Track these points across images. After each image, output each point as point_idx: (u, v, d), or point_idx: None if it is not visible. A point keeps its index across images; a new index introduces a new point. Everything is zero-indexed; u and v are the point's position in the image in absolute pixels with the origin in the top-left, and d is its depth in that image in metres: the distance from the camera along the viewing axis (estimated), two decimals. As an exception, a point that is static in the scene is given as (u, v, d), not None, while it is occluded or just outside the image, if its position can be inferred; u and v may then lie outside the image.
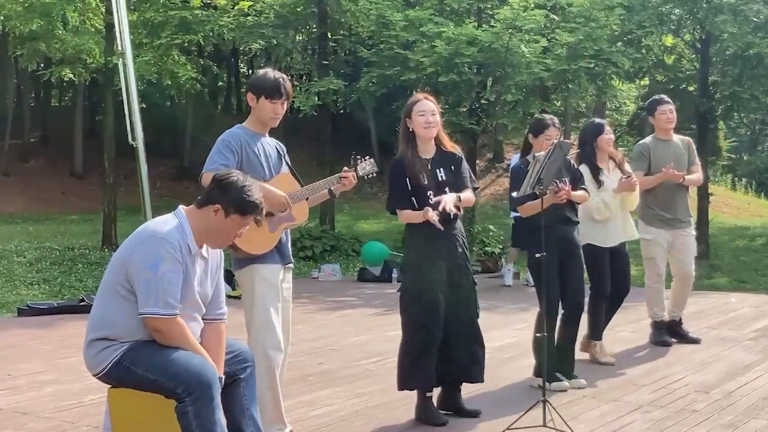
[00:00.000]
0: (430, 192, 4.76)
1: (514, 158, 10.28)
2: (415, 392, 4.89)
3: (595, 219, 6.07)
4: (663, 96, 7.17)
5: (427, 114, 4.80)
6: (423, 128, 4.81)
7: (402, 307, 4.89)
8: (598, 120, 6.53)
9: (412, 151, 4.83)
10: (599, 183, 6.08)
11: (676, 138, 7.06)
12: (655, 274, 6.97)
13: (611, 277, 6.22)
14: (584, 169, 6.00)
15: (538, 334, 5.17)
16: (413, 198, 4.79)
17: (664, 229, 6.89)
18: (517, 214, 5.63)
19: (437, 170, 4.84)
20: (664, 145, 6.93)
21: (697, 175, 7.00)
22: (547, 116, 5.79)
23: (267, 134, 4.39)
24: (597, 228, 6.11)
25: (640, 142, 7.14)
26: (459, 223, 4.94)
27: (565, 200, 5.39)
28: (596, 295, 6.24)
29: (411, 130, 4.85)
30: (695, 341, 7.08)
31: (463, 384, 5.01)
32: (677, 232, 6.94)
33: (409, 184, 4.78)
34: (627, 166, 6.36)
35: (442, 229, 4.66)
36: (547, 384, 4.83)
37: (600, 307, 6.28)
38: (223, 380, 3.45)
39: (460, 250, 4.88)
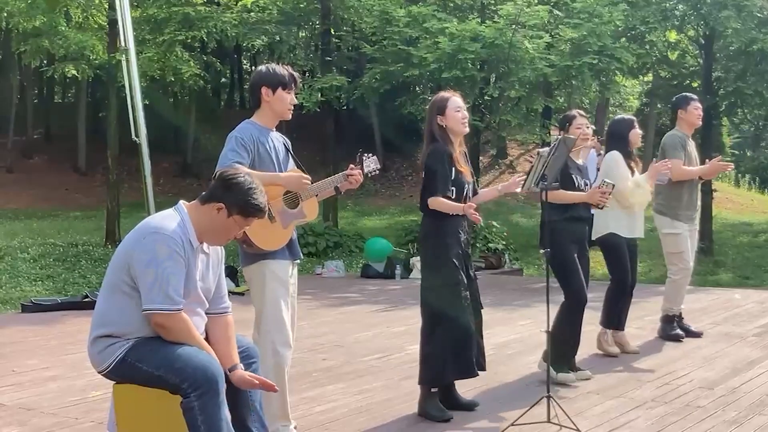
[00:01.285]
0: (467, 185, 4.86)
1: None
2: (417, 389, 4.88)
3: (626, 206, 6.22)
4: (694, 95, 7.32)
5: (462, 110, 4.85)
6: (461, 124, 4.84)
7: (433, 301, 4.78)
8: (629, 116, 6.86)
9: (452, 146, 4.84)
10: (632, 171, 6.32)
11: None
12: (684, 268, 6.98)
13: None
14: (618, 156, 6.28)
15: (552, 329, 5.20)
16: (453, 188, 4.81)
17: (688, 224, 6.99)
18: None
19: None
20: (689, 141, 7.04)
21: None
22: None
23: (274, 129, 4.39)
24: (623, 218, 6.27)
25: (671, 133, 7.05)
26: None
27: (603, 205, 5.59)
28: (618, 286, 6.34)
29: (443, 126, 4.84)
30: (698, 335, 7.12)
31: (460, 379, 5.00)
32: (693, 227, 7.06)
33: (454, 173, 4.80)
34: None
35: (481, 224, 4.78)
36: (553, 374, 4.83)
37: (619, 298, 6.37)
38: (238, 366, 3.45)
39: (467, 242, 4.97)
